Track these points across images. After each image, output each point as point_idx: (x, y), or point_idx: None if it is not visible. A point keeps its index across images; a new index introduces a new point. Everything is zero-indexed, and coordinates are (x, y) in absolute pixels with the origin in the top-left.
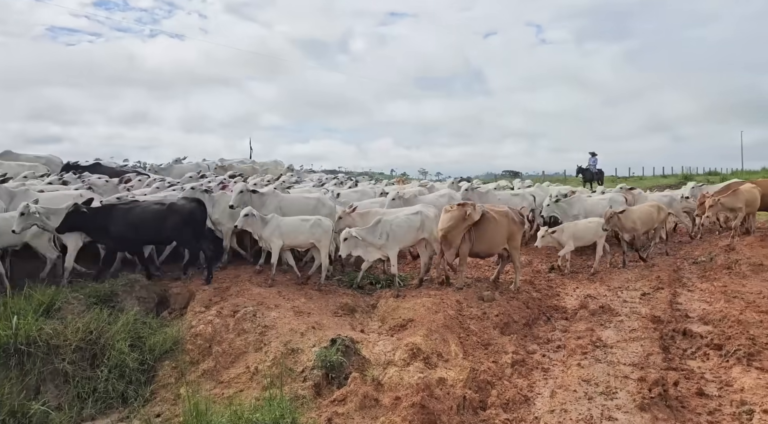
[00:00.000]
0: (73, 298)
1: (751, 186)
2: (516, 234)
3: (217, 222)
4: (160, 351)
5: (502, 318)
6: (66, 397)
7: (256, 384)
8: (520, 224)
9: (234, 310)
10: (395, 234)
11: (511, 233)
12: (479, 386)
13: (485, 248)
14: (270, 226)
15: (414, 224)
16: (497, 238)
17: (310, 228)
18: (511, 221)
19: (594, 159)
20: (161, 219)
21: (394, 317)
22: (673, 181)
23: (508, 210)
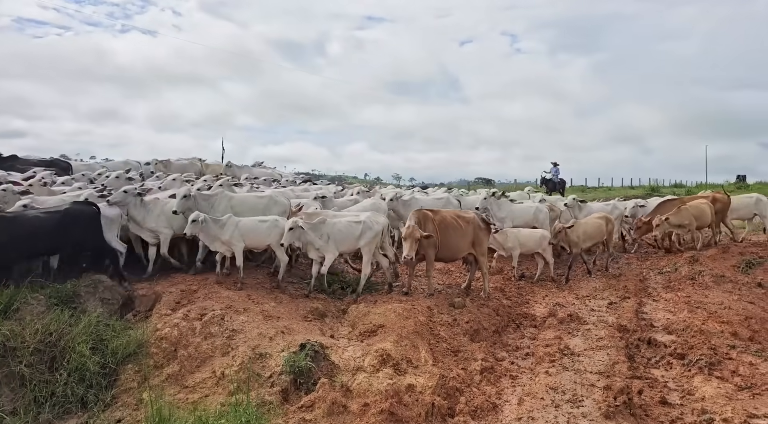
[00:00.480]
0: (32, 298)
1: (699, 202)
2: (482, 239)
3: (154, 229)
4: (123, 354)
5: (472, 325)
6: (22, 401)
7: (222, 389)
8: (486, 230)
9: (201, 313)
10: (335, 238)
11: (477, 238)
12: (448, 392)
13: (449, 254)
14: (228, 227)
15: (353, 232)
16: (461, 243)
17: (267, 229)
18: (476, 226)
19: (556, 169)
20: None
21: (364, 323)
22: (640, 193)
23: (474, 215)
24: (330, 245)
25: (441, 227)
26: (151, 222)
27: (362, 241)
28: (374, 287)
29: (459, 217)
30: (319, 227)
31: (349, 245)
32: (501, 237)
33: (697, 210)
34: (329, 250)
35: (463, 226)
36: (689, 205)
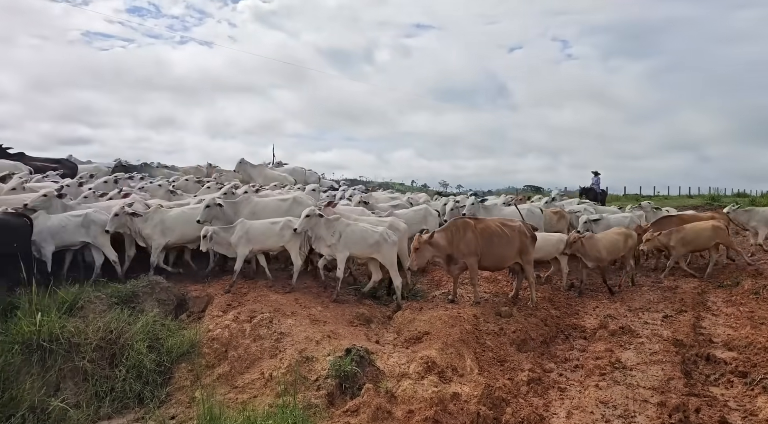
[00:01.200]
0: (95, 297)
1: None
2: (528, 248)
3: (148, 237)
4: (177, 353)
5: (519, 335)
6: (84, 395)
7: (269, 391)
8: (533, 238)
9: (251, 315)
10: (347, 239)
11: (523, 246)
12: (494, 403)
13: (493, 262)
14: (237, 231)
15: (368, 238)
16: (506, 252)
17: (279, 230)
18: (522, 234)
19: (597, 179)
20: None
21: (409, 329)
22: (699, 202)
23: (520, 223)
24: (341, 245)
25: (484, 236)
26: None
27: (377, 251)
28: (419, 294)
29: (504, 225)
30: (332, 223)
31: (361, 250)
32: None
33: (690, 235)
34: (339, 250)
35: (509, 234)
36: (686, 229)
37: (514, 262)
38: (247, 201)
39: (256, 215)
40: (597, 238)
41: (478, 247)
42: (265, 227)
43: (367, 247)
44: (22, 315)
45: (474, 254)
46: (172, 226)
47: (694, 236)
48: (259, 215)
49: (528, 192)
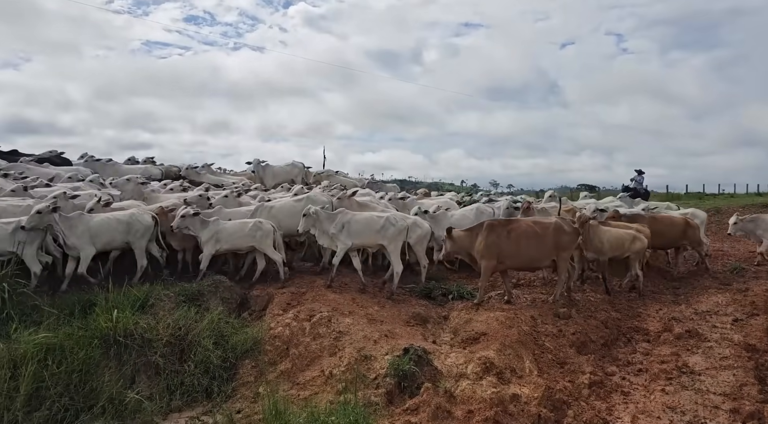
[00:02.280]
0: (164, 295)
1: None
2: (568, 244)
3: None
4: (241, 350)
5: (578, 337)
6: (157, 388)
7: (330, 388)
8: (573, 233)
9: (310, 314)
10: (350, 229)
11: (560, 243)
12: (554, 405)
13: (523, 263)
14: (209, 230)
15: (373, 225)
16: (539, 252)
17: (249, 231)
18: (559, 231)
19: (641, 177)
20: None
21: (466, 330)
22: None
23: (557, 220)
24: (344, 236)
25: (510, 238)
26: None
27: (384, 238)
28: (473, 294)
29: (536, 223)
30: (334, 216)
31: (368, 236)
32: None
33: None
34: (341, 240)
35: (541, 233)
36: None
37: (551, 260)
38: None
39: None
40: (602, 229)
41: (501, 250)
42: (236, 226)
43: (374, 233)
44: (99, 312)
45: (489, 257)
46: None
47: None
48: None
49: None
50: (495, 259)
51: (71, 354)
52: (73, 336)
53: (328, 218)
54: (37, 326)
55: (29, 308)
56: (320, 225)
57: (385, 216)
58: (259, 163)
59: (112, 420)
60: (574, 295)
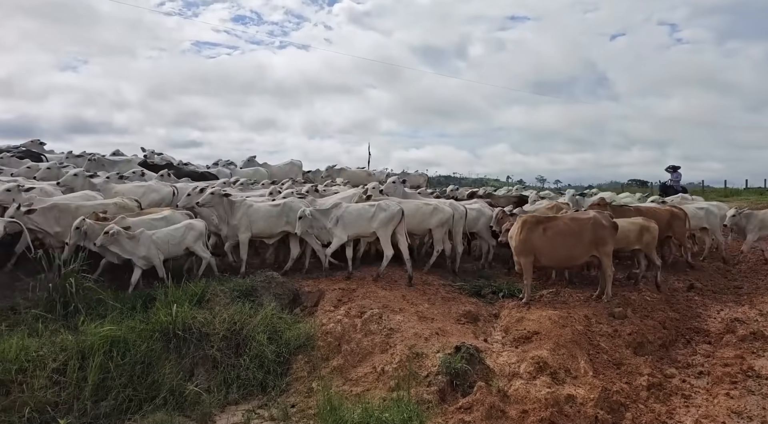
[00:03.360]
0: (220, 291)
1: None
2: (606, 239)
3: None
4: (294, 345)
5: (635, 337)
6: (214, 381)
7: (382, 385)
8: (611, 228)
9: (361, 311)
10: (344, 221)
11: (598, 238)
12: (612, 407)
13: (559, 261)
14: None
15: (365, 214)
16: (575, 249)
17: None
18: (597, 226)
19: (676, 174)
20: None
21: (518, 329)
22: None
23: (595, 215)
24: (340, 228)
25: (546, 235)
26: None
27: (375, 223)
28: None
29: (573, 219)
30: (328, 211)
31: (362, 226)
32: None
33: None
34: (338, 233)
35: (577, 229)
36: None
37: (589, 256)
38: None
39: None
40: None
41: (534, 247)
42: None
43: (366, 222)
44: (160, 306)
45: (525, 253)
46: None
47: None
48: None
49: (633, 187)
50: (531, 256)
51: (134, 347)
52: (136, 329)
53: (323, 215)
54: (102, 320)
55: (94, 302)
56: (317, 223)
57: (375, 204)
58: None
59: (173, 411)
60: (629, 294)
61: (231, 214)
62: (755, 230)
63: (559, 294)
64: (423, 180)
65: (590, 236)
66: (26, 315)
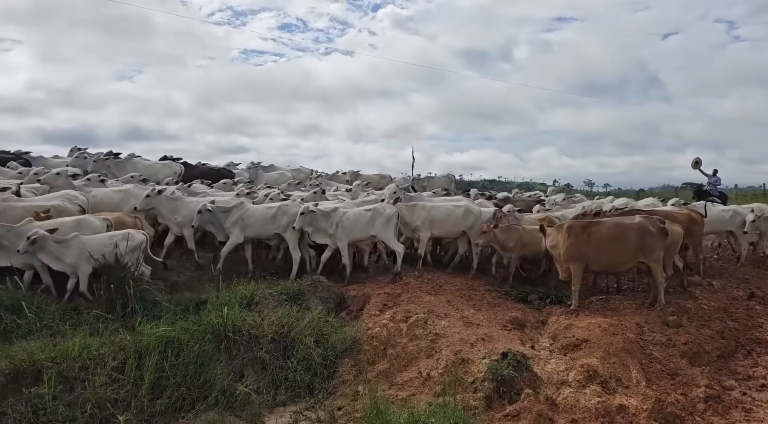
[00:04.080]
0: (268, 294)
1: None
2: (653, 245)
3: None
4: (341, 349)
5: (691, 347)
6: (263, 382)
7: (428, 390)
8: (659, 234)
9: (406, 316)
10: (343, 226)
11: (645, 244)
12: (666, 418)
13: (604, 266)
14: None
15: (362, 219)
16: (622, 252)
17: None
18: (644, 231)
19: (715, 179)
20: None
21: (566, 336)
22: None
23: (642, 220)
24: (341, 234)
25: (593, 239)
26: None
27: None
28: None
29: (619, 224)
30: (330, 215)
31: (360, 230)
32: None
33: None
34: (340, 239)
35: (622, 234)
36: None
37: (636, 262)
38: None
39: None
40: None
41: (581, 251)
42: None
43: (364, 226)
44: (211, 308)
45: (574, 260)
46: None
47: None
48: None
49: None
50: (580, 261)
51: (187, 347)
52: (189, 330)
53: (324, 217)
54: (157, 320)
55: (150, 304)
56: (316, 223)
57: (371, 207)
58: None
59: (224, 411)
60: (684, 302)
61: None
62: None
63: (609, 301)
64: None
65: (636, 241)
66: (88, 315)
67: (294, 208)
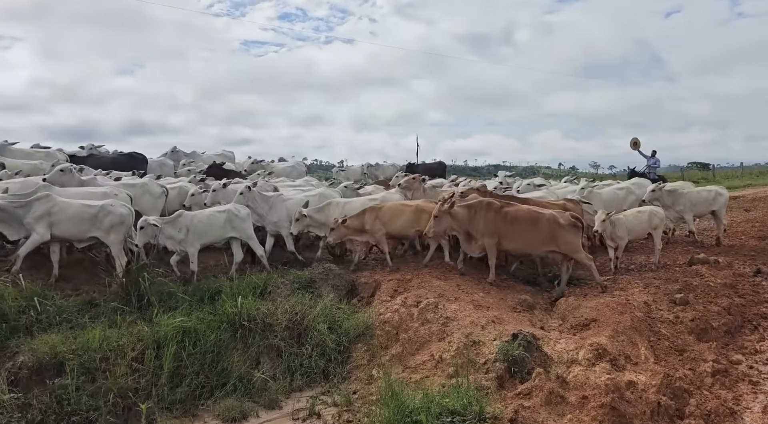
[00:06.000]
0: (280, 283)
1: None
2: (564, 237)
3: None
4: (354, 335)
5: (698, 323)
6: (279, 369)
7: (441, 372)
8: (570, 226)
9: (417, 300)
10: (196, 229)
11: (554, 235)
12: (675, 393)
13: (516, 248)
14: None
15: (217, 221)
16: (533, 238)
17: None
18: (553, 224)
19: (654, 160)
20: None
21: (575, 316)
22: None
23: (551, 212)
24: (191, 238)
25: (507, 219)
26: None
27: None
28: (584, 280)
29: (533, 211)
30: (176, 220)
31: (216, 235)
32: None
33: (391, 213)
34: (190, 243)
35: (535, 221)
36: (385, 208)
37: (547, 251)
38: None
39: None
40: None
41: (498, 229)
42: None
43: (220, 228)
44: (226, 298)
45: (490, 235)
46: None
47: (391, 217)
48: None
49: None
50: (493, 237)
51: (204, 337)
52: (205, 320)
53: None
54: (173, 311)
55: (165, 295)
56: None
57: (225, 209)
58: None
59: (243, 397)
60: (691, 280)
61: None
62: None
63: (616, 281)
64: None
65: (546, 232)
66: (106, 308)
67: (121, 208)
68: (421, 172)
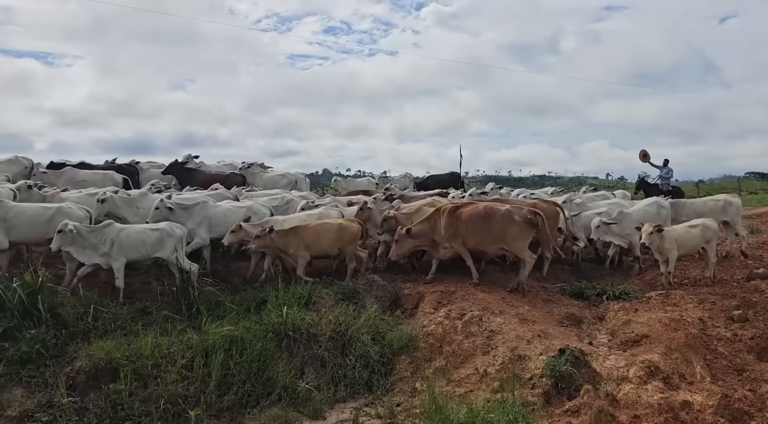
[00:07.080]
0: (324, 294)
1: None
2: (517, 235)
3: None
4: (397, 346)
5: (758, 342)
6: (323, 379)
7: (485, 386)
8: (523, 224)
9: (461, 313)
10: (122, 245)
11: (506, 232)
12: (733, 415)
13: (473, 246)
14: None
15: (148, 240)
16: (486, 237)
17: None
18: (507, 220)
19: (667, 170)
20: None
21: (625, 332)
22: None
23: (507, 208)
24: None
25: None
26: None
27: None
28: (633, 294)
29: (487, 209)
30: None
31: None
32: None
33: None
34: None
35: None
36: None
37: (499, 248)
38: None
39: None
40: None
41: (459, 231)
42: None
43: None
44: (271, 308)
45: (453, 238)
46: None
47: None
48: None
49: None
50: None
51: (250, 345)
52: (251, 330)
53: (93, 232)
54: (221, 320)
55: (213, 304)
56: (80, 241)
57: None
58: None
59: (287, 407)
60: (750, 296)
61: None
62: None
63: (669, 296)
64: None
65: (500, 229)
66: (157, 316)
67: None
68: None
